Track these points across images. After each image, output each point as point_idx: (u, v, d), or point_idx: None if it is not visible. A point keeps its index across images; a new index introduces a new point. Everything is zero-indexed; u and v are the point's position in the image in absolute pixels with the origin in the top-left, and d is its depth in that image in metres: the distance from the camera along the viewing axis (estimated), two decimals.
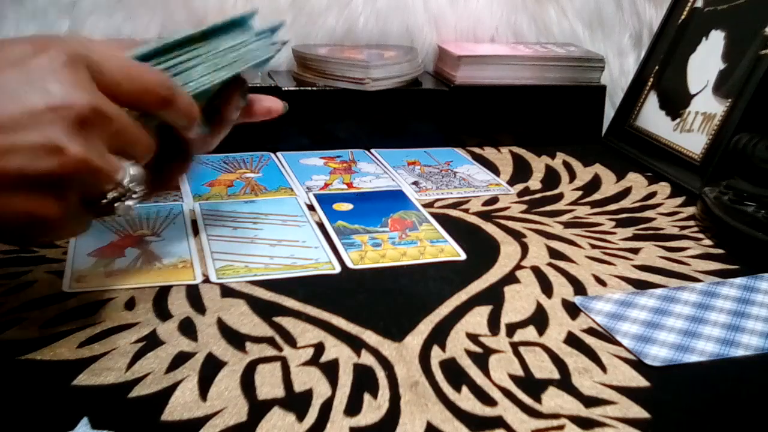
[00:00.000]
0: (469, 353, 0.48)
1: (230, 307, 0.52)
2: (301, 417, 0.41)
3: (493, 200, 0.75)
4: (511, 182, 0.80)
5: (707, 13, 0.88)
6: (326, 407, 0.42)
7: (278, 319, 0.51)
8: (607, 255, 0.63)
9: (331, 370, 0.46)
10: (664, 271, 0.61)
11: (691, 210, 0.74)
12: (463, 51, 0.92)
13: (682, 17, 0.91)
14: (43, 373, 0.44)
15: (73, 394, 0.42)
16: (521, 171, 0.84)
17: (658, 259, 0.63)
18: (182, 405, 0.42)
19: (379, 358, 0.47)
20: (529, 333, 0.51)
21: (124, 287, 0.53)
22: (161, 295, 0.53)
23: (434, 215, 0.70)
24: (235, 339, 0.48)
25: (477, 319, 0.52)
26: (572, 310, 0.54)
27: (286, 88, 0.84)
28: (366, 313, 0.52)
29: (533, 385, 0.45)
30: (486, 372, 0.46)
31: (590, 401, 0.44)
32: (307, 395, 0.43)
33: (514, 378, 0.46)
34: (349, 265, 0.59)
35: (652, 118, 0.90)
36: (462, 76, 0.91)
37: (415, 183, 0.78)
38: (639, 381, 0.46)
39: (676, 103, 0.86)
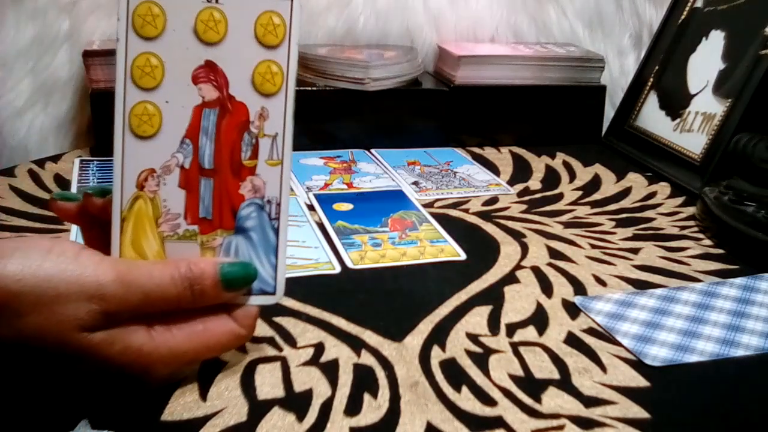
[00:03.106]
0: (469, 353, 0.48)
1: None
2: (301, 417, 0.41)
3: (493, 200, 0.75)
4: (511, 182, 0.80)
5: (707, 13, 0.88)
6: (326, 407, 0.42)
7: (278, 319, 0.51)
8: (607, 255, 0.63)
9: (331, 370, 0.46)
10: (664, 271, 0.61)
11: (691, 210, 0.74)
12: (463, 51, 0.92)
13: (682, 17, 0.91)
14: (43, 373, 0.43)
15: (73, 394, 0.42)
16: (521, 171, 0.84)
17: (658, 259, 0.63)
18: (182, 405, 0.42)
19: (379, 358, 0.47)
20: (529, 333, 0.51)
21: None
22: None
23: (434, 215, 0.70)
24: None
25: (477, 319, 0.52)
26: (572, 310, 0.54)
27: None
28: (366, 313, 0.52)
29: (533, 385, 0.45)
30: (486, 372, 0.46)
31: (590, 401, 0.44)
32: (307, 395, 0.43)
33: (514, 378, 0.46)
34: (349, 265, 0.59)
35: (652, 118, 0.90)
36: (462, 76, 0.91)
37: (415, 183, 0.78)
38: (639, 381, 0.46)
39: (676, 103, 0.86)
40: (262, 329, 0.49)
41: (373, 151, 0.88)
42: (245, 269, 0.43)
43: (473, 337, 0.50)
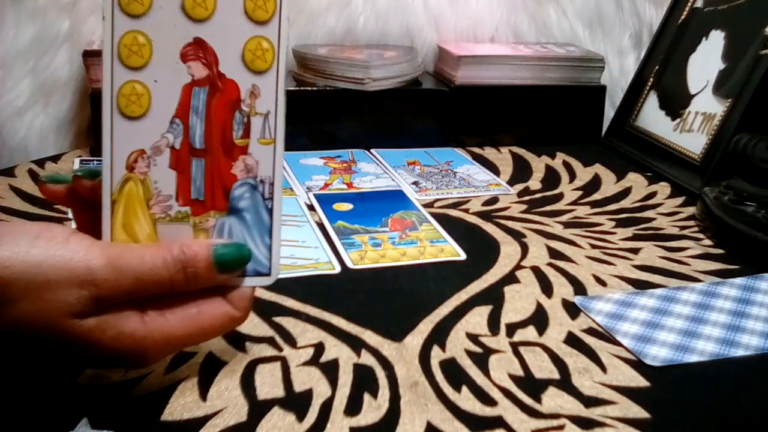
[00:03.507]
0: (469, 353, 0.48)
1: None
2: (301, 417, 0.41)
3: (493, 200, 0.75)
4: (511, 182, 0.80)
5: (707, 13, 0.88)
6: (326, 407, 0.42)
7: (278, 319, 0.51)
8: (607, 255, 0.63)
9: (331, 370, 0.46)
10: (664, 271, 0.61)
11: (691, 210, 0.74)
12: (463, 51, 0.92)
13: (682, 17, 0.91)
14: (43, 373, 0.44)
15: (73, 394, 0.42)
16: (521, 171, 0.84)
17: (658, 259, 0.63)
18: (182, 405, 0.42)
19: (379, 358, 0.47)
20: (529, 333, 0.51)
21: None
22: None
23: (434, 215, 0.70)
24: (235, 339, 0.48)
25: (477, 319, 0.52)
26: (572, 310, 0.54)
27: (286, 88, 0.84)
28: (366, 313, 0.52)
29: (533, 385, 0.45)
30: (486, 372, 0.46)
31: (590, 401, 0.44)
32: (307, 395, 0.43)
33: (514, 378, 0.46)
34: (349, 265, 0.59)
35: (652, 118, 0.90)
36: (462, 76, 0.91)
37: (415, 183, 0.78)
38: (639, 381, 0.46)
39: (676, 103, 0.86)
40: (262, 329, 0.49)
41: (373, 151, 0.88)
42: (239, 250, 0.42)
43: (473, 337, 0.50)
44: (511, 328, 0.51)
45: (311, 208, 0.70)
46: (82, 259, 0.38)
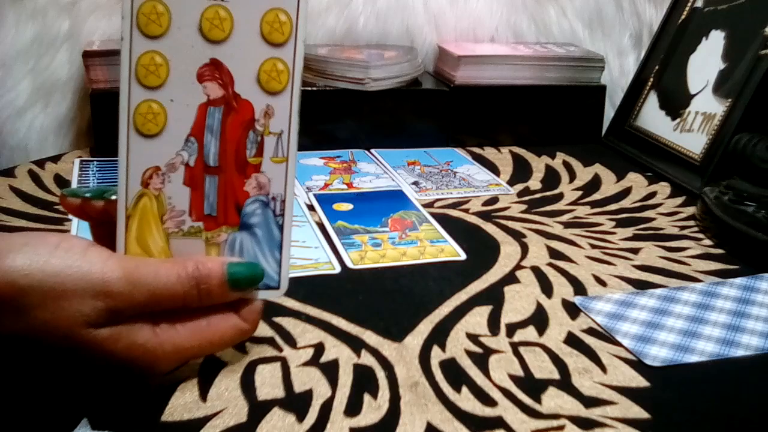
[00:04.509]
0: (469, 353, 0.48)
1: None
2: (301, 417, 0.41)
3: (493, 200, 0.75)
4: (511, 182, 0.80)
5: (707, 13, 0.88)
6: (326, 407, 0.42)
7: (278, 319, 0.51)
8: (607, 255, 0.63)
9: (331, 371, 0.46)
10: (664, 271, 0.61)
11: (691, 210, 0.74)
12: (463, 51, 0.92)
13: (682, 17, 0.91)
14: (43, 373, 0.44)
15: (73, 394, 0.42)
16: (521, 171, 0.84)
17: (658, 259, 0.63)
18: (182, 405, 0.42)
19: (379, 359, 0.47)
20: (529, 333, 0.51)
21: None
22: None
23: (434, 215, 0.70)
24: None
25: (477, 319, 0.52)
26: (572, 310, 0.54)
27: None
28: (366, 313, 0.52)
29: (533, 385, 0.45)
30: (486, 372, 0.46)
31: (590, 401, 0.44)
32: (307, 395, 0.43)
33: (514, 378, 0.46)
34: (349, 265, 0.59)
35: (652, 118, 0.90)
36: (462, 76, 0.91)
37: (415, 183, 0.78)
38: (639, 381, 0.46)
39: (676, 103, 0.86)
40: (262, 329, 0.49)
41: (373, 151, 0.88)
42: (252, 270, 0.43)
43: (473, 337, 0.50)
44: (511, 328, 0.51)
45: (311, 208, 0.70)
46: (99, 271, 0.39)
